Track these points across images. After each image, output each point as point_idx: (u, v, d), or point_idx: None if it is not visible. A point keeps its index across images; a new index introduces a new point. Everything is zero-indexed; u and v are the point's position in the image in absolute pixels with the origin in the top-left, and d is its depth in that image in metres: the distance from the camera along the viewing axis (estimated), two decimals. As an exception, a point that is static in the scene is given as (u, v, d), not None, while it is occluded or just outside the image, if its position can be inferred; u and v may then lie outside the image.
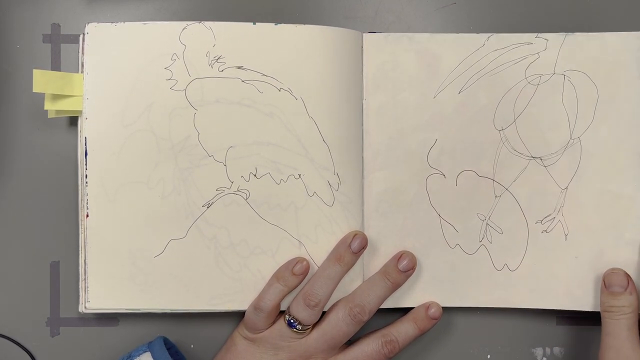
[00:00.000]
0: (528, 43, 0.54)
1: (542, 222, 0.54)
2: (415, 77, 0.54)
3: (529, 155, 0.54)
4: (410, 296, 0.54)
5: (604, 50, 0.53)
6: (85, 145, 0.51)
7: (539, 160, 0.54)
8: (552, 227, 0.54)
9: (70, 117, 0.54)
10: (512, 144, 0.54)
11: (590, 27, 0.56)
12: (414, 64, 0.54)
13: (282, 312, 0.52)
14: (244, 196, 0.52)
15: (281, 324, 0.51)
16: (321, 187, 0.52)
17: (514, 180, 0.54)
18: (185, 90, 0.51)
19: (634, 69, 0.53)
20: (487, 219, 0.54)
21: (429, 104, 0.54)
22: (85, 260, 0.52)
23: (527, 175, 0.54)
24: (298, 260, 0.51)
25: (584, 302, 0.54)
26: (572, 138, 0.54)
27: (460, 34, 0.54)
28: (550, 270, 0.54)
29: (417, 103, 0.54)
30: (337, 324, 0.51)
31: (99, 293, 0.52)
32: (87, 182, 0.51)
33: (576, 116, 0.54)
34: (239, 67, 0.52)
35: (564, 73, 0.54)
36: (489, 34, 0.54)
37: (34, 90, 0.50)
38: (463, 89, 0.54)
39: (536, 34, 0.54)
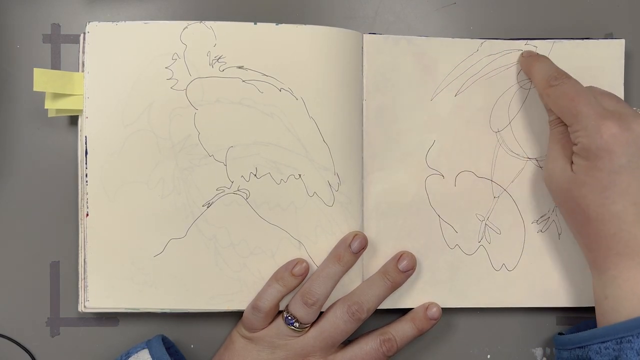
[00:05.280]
0: (518, 50, 0.55)
1: (538, 222, 0.54)
2: (413, 79, 0.54)
3: (525, 156, 0.54)
4: (409, 297, 0.54)
5: (589, 57, 0.55)
6: (86, 144, 0.51)
7: (534, 162, 0.54)
8: (546, 226, 0.55)
9: (71, 116, 0.54)
10: (509, 145, 0.54)
11: (583, 32, 0.57)
12: (412, 67, 0.54)
13: (280, 312, 0.52)
14: (244, 196, 0.52)
15: (279, 322, 0.51)
16: (321, 187, 0.52)
17: (512, 181, 0.54)
18: (185, 89, 0.51)
19: (617, 75, 0.55)
20: (485, 219, 0.54)
21: (427, 105, 0.54)
22: (85, 260, 0.52)
23: (524, 176, 0.54)
24: (298, 261, 0.51)
25: (581, 299, 0.54)
26: None
27: (455, 39, 0.54)
28: (546, 269, 0.54)
29: (415, 104, 0.54)
30: (335, 322, 0.51)
31: (99, 292, 0.52)
32: (87, 182, 0.51)
33: None
34: (239, 67, 0.52)
35: None
36: (482, 40, 0.54)
37: (35, 89, 0.50)
38: (459, 92, 0.54)
39: (525, 41, 0.55)
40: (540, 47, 0.54)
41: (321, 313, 0.52)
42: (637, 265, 0.45)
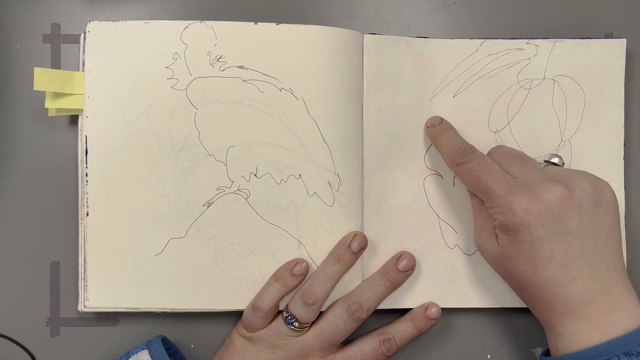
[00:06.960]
0: (519, 49, 0.54)
1: None
2: (413, 79, 0.54)
3: (524, 156, 0.54)
4: (409, 297, 0.54)
5: (590, 57, 0.55)
6: (86, 144, 0.51)
7: None
8: None
9: (71, 115, 0.54)
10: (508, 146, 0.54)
11: (583, 32, 0.57)
12: (411, 67, 0.54)
13: (280, 312, 0.52)
14: (244, 196, 0.52)
15: (279, 321, 0.51)
16: (321, 187, 0.52)
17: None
18: (186, 89, 0.51)
19: (618, 75, 0.55)
20: (485, 219, 0.54)
21: (426, 106, 0.54)
22: (84, 259, 0.52)
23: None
24: (298, 261, 0.51)
25: None
26: (563, 140, 0.55)
27: (455, 40, 0.54)
28: None
29: (415, 105, 0.54)
30: (335, 322, 0.51)
31: (99, 292, 0.52)
32: (87, 181, 0.51)
33: (566, 119, 0.55)
34: (240, 67, 0.52)
35: (553, 78, 0.55)
36: (482, 40, 0.54)
37: (35, 89, 0.50)
38: (457, 92, 0.54)
39: (527, 40, 0.55)
40: (541, 46, 0.54)
41: (321, 313, 0.52)
42: (579, 320, 0.45)
